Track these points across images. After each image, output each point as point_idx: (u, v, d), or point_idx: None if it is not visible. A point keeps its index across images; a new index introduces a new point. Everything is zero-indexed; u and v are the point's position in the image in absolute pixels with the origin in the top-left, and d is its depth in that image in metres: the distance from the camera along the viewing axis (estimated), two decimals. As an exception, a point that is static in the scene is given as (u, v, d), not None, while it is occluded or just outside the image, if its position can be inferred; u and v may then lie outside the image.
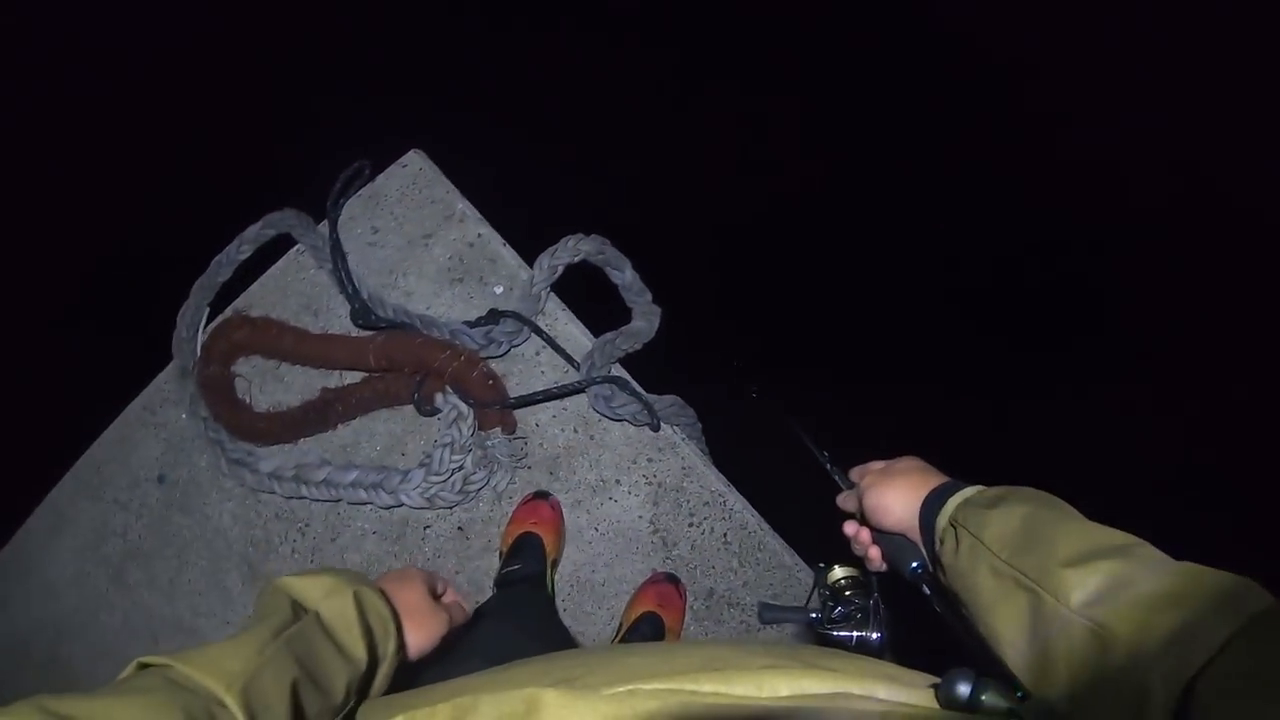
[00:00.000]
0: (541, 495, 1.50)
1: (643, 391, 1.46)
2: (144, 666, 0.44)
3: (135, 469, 1.72)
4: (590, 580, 1.53)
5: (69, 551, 1.75)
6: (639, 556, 1.52)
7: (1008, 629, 0.53)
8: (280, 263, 1.64)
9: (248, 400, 1.63)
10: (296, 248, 1.63)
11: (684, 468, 1.50)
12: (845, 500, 0.76)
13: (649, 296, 1.49)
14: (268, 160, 1.83)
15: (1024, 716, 0.33)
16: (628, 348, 1.47)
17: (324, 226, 1.60)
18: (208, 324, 1.66)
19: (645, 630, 1.44)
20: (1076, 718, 0.47)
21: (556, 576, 1.50)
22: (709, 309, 1.79)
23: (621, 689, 0.35)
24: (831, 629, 0.73)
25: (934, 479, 0.67)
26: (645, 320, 1.48)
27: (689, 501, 1.50)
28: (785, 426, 0.91)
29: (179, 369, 1.65)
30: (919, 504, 0.65)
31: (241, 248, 1.66)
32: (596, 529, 1.52)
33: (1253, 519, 1.63)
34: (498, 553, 1.51)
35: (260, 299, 1.64)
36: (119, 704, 0.38)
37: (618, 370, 1.49)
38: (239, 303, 1.65)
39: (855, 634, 0.71)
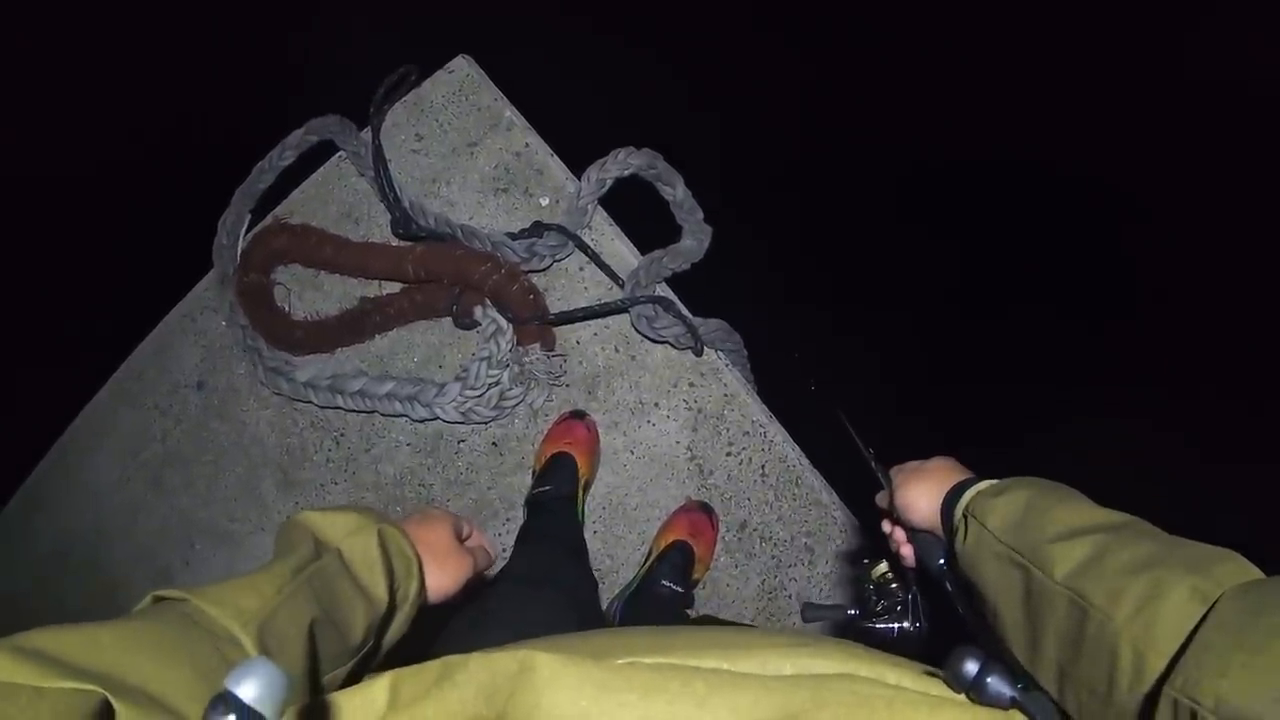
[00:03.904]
0: (578, 415, 1.47)
1: (688, 314, 1.41)
2: (160, 600, 0.42)
3: (175, 375, 1.73)
4: (623, 504, 1.50)
5: (110, 457, 1.78)
6: (673, 483, 1.49)
7: (1007, 608, 0.55)
8: (322, 170, 1.61)
9: (286, 308, 1.62)
10: (339, 155, 1.60)
11: (726, 395, 1.46)
12: (882, 498, 0.78)
13: (700, 215, 1.43)
14: (311, 66, 1.79)
15: (1027, 705, 0.32)
16: (675, 267, 1.42)
17: (367, 133, 1.56)
18: (248, 231, 1.65)
19: (675, 559, 1.41)
20: (1065, 688, 0.48)
21: (589, 498, 1.48)
22: (763, 232, 1.70)
23: (620, 661, 0.34)
24: (874, 622, 0.73)
25: (960, 476, 0.68)
26: (695, 239, 1.43)
27: (728, 430, 1.47)
28: (835, 421, 0.92)
29: (219, 276, 1.65)
30: (943, 500, 0.67)
31: (284, 154, 1.63)
32: (632, 452, 1.49)
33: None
34: (531, 471, 1.49)
35: (301, 206, 1.62)
36: (110, 633, 0.36)
37: (663, 290, 1.44)
38: (279, 210, 1.63)
39: (896, 625, 0.72)
